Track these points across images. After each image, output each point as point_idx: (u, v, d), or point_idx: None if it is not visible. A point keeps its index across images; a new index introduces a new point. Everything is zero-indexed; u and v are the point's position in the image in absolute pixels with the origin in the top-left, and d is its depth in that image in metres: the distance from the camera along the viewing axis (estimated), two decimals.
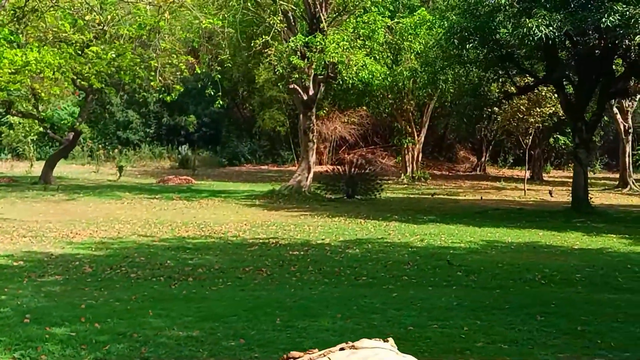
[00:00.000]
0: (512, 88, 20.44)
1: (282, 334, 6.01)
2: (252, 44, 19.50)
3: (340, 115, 43.31)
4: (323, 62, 20.52)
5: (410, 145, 34.17)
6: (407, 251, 11.59)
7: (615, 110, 29.44)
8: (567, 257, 11.40)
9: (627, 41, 15.39)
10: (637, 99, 29.94)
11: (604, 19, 14.66)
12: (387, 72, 24.57)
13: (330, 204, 20.96)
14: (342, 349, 3.30)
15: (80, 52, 23.89)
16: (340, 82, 21.55)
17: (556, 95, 21.27)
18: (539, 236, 14.16)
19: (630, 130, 29.83)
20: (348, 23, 22.64)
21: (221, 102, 21.92)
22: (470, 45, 17.20)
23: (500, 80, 19.76)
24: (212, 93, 22.08)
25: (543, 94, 24.58)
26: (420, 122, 34.71)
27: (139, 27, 25.73)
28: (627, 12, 14.52)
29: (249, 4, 21.11)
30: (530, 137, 27.08)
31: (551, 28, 14.99)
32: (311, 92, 22.92)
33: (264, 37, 18.72)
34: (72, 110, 41.73)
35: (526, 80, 21.12)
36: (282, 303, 7.28)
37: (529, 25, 14.91)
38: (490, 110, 26.79)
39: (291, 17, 22.00)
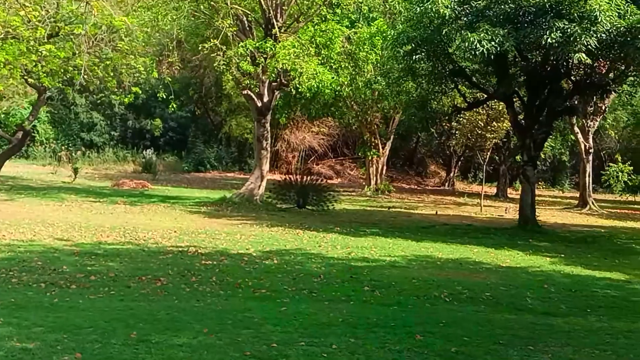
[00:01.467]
0: (462, 102, 20.28)
1: (129, 349, 5.61)
2: (199, 48, 19.11)
3: (310, 125, 43.07)
4: (276, 69, 20.21)
5: (375, 157, 33.91)
6: (326, 263, 11.26)
7: (577, 129, 29.52)
8: (488, 274, 11.14)
9: (569, 59, 15.29)
10: (598, 119, 30.08)
11: (545, 36, 14.55)
12: (346, 82, 24.36)
13: (278, 214, 20.58)
14: None
15: (33, 50, 23.32)
16: (292, 90, 21.24)
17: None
18: (473, 253, 13.91)
19: (590, 150, 29.89)
20: (305, 30, 22.41)
21: (174, 106, 21.45)
22: (418, 56, 16.99)
23: (450, 94, 19.59)
24: (165, 96, 21.68)
25: (501, 109, 24.51)
26: (386, 134, 34.49)
27: (94, 26, 25.26)
28: (569, 30, 14.42)
29: (202, 7, 20.79)
30: (488, 153, 26.98)
31: (493, 43, 14.83)
32: (265, 99, 22.60)
33: (212, 40, 18.37)
34: None
35: (477, 95, 20.98)
36: (153, 315, 6.88)
37: (471, 39, 14.74)
38: (449, 125, 26.73)
39: (246, 22, 21.71)
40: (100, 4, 20.18)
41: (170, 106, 20.71)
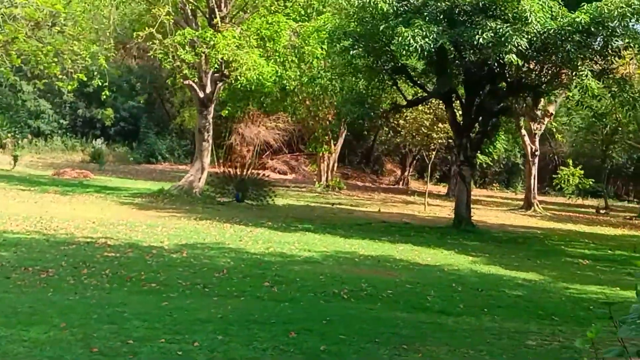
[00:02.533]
0: (402, 100, 20.18)
1: None
2: (134, 36, 18.58)
3: (265, 120, 42.63)
4: (217, 60, 19.80)
5: (327, 153, 33.75)
6: (237, 258, 10.96)
7: (523, 132, 29.84)
8: (402, 272, 11.00)
9: (501, 60, 15.26)
10: (544, 123, 30.46)
11: (477, 36, 14.49)
12: (293, 77, 24.08)
13: (215, 207, 20.19)
14: None
15: None
16: (232, 82, 20.86)
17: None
18: (397, 251, 13.79)
19: (536, 153, 30.25)
20: (252, 22, 22.05)
21: (107, 94, 20.85)
22: (355, 51, 16.81)
23: (392, 90, 19.46)
24: (100, 84, 21.07)
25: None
26: (337, 130, 34.34)
27: (36, 10, 24.34)
28: (501, 30, 14.39)
29: None
30: (434, 153, 27.05)
31: (427, 40, 14.71)
32: (208, 90, 22.17)
33: (147, 28, 17.86)
34: None
35: (420, 94, 20.91)
36: (14, 308, 6.48)
37: (405, 34, 14.59)
38: (396, 122, 26.67)
39: (189, 11, 21.23)
40: None
41: (103, 94, 20.12)
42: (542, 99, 27.58)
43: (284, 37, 21.81)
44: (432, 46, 14.83)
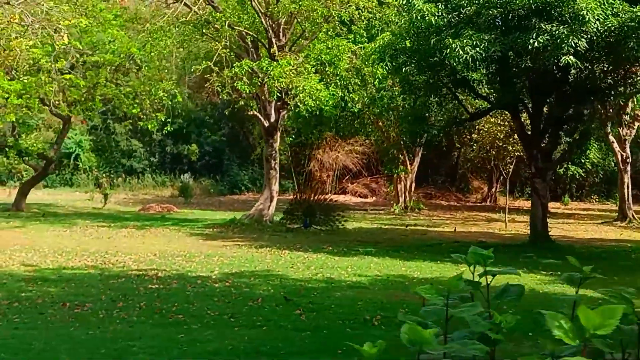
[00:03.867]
0: (465, 114, 19.37)
1: None
2: (192, 70, 19.21)
3: (343, 144, 42.69)
4: (276, 88, 20.04)
5: (403, 174, 33.09)
6: (279, 286, 10.80)
7: (612, 138, 27.81)
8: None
9: (559, 63, 14.25)
10: (635, 127, 28.28)
11: (531, 40, 13.69)
12: (357, 99, 23.93)
13: (281, 234, 20.23)
14: None
15: (57, 79, 24.08)
16: (291, 109, 21.00)
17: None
18: (457, 272, 13.02)
19: (628, 160, 28.05)
20: (312, 49, 22.18)
21: (169, 129, 21.70)
22: (408, 68, 16.39)
23: (449, 105, 18.77)
24: (164, 119, 21.96)
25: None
26: (414, 150, 33.62)
27: (113, 55, 25.86)
28: (557, 32, 13.51)
29: (204, 30, 20.92)
30: (512, 166, 25.77)
31: (478, 49, 14.08)
32: (272, 118, 22.46)
33: (205, 62, 18.42)
34: (79, 139, 42.74)
35: (479, 105, 20.02)
36: (28, 344, 6.66)
37: (453, 46, 14.06)
38: (469, 136, 25.73)
39: (249, 43, 21.72)
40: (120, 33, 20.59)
41: (165, 129, 20.94)
42: (630, 103, 25.72)
43: (344, 61, 21.72)
44: (483, 55, 14.17)
